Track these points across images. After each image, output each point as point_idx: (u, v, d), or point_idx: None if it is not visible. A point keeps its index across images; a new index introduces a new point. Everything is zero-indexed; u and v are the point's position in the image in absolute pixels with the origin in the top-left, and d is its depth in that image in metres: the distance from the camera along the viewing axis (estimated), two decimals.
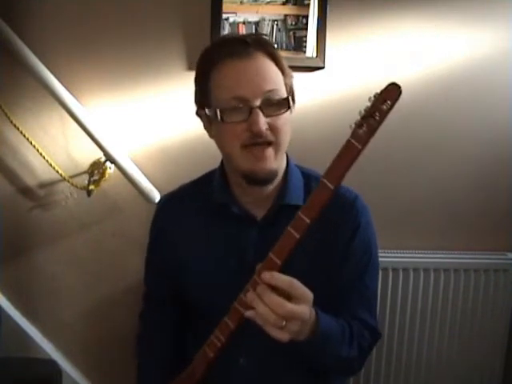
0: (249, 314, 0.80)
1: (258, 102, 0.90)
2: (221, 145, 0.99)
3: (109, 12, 1.60)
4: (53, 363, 1.61)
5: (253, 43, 0.93)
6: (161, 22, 1.62)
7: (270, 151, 0.93)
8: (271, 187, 1.02)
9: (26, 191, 1.67)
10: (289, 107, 0.94)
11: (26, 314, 1.72)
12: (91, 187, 1.60)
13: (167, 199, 1.16)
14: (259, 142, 0.92)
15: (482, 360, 1.77)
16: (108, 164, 1.59)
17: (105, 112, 1.63)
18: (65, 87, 1.55)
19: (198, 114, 1.02)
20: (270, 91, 0.91)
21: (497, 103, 1.73)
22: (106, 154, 1.58)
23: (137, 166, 1.63)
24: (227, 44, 0.95)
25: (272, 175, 0.96)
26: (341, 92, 1.67)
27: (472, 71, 1.70)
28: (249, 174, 0.95)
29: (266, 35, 1.54)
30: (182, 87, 1.63)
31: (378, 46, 1.67)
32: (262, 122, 0.90)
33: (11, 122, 1.57)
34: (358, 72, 1.67)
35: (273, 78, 0.93)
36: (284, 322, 0.77)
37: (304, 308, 0.79)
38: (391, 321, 1.72)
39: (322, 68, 1.65)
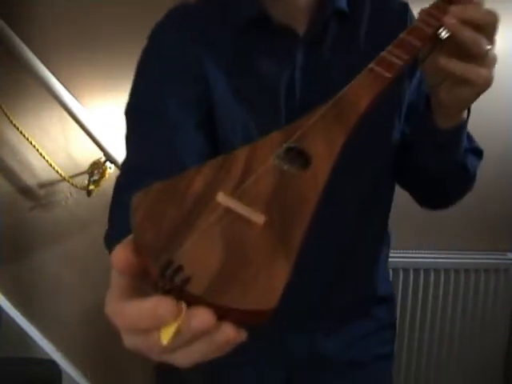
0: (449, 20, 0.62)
1: None
2: None
3: (109, 12, 1.60)
4: (53, 363, 1.61)
5: None
6: None
7: None
8: None
9: (26, 191, 1.67)
10: None
11: (26, 314, 1.72)
12: (91, 187, 1.60)
13: (173, 13, 0.87)
14: None
15: (482, 360, 1.76)
16: (108, 164, 1.59)
17: (105, 112, 1.63)
18: (65, 87, 1.55)
19: None
20: None
21: (498, 103, 1.72)
22: (105, 154, 1.58)
23: None
24: None
25: None
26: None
27: None
28: None
29: None
30: None
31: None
32: None
33: (11, 122, 1.56)
34: None
35: None
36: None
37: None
38: None
39: None
